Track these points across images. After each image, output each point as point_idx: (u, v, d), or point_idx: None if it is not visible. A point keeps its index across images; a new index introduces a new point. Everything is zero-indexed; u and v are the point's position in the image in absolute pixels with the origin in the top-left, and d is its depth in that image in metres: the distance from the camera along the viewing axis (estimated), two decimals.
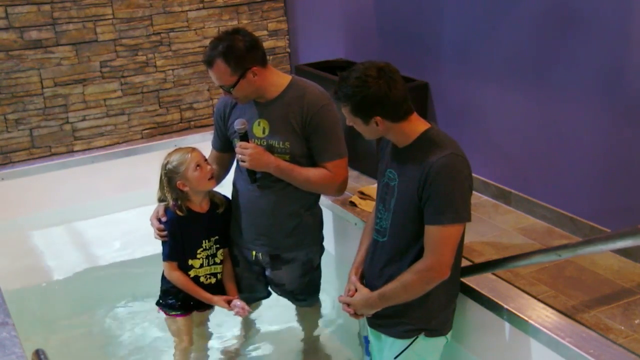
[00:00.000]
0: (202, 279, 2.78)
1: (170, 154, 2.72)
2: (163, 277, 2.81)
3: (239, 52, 2.48)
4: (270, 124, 2.61)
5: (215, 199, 2.81)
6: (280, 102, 2.59)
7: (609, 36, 2.63)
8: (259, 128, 2.63)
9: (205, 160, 2.72)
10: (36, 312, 3.37)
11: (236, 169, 2.80)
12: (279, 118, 2.59)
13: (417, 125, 2.19)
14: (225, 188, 2.90)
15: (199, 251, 2.75)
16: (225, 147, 2.80)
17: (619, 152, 2.70)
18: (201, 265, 2.77)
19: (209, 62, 2.51)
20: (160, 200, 2.74)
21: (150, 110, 4.51)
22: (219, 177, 2.85)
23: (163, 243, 2.74)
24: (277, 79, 2.62)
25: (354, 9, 4.14)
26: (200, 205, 2.74)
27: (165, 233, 2.70)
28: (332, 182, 2.62)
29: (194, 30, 4.51)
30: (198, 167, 2.65)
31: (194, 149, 2.71)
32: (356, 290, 2.38)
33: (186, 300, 2.79)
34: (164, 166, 2.69)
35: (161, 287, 2.84)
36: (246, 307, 2.77)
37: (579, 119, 2.83)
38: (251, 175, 2.64)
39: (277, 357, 3.09)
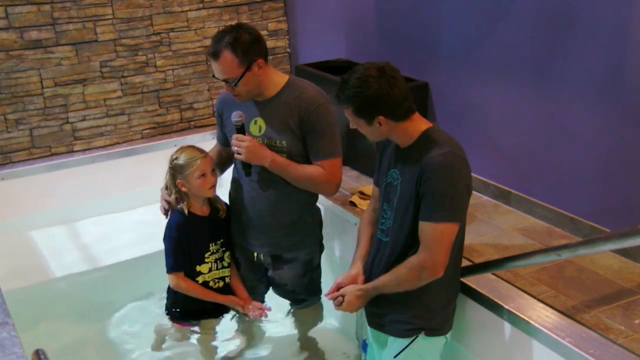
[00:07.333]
0: (210, 284, 2.77)
1: (181, 150, 2.67)
2: (169, 289, 2.78)
3: (245, 43, 2.46)
4: (266, 123, 2.60)
5: (216, 204, 2.78)
6: (277, 101, 2.59)
7: (608, 36, 2.63)
8: (255, 127, 2.62)
9: (213, 169, 2.68)
10: (36, 312, 3.36)
11: (234, 168, 2.79)
12: (276, 117, 2.58)
13: (419, 124, 2.20)
14: (223, 189, 2.90)
15: (207, 255, 2.73)
16: (227, 141, 2.76)
17: (619, 152, 2.70)
18: (210, 270, 2.75)
19: (216, 54, 2.47)
20: (166, 187, 2.70)
21: (150, 110, 4.50)
22: (221, 170, 2.84)
23: (166, 254, 2.71)
24: (276, 78, 2.61)
25: (354, 9, 4.13)
26: (201, 209, 2.72)
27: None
28: (327, 181, 2.61)
29: (194, 30, 4.50)
30: (202, 176, 2.62)
31: (205, 155, 2.65)
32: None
33: (194, 311, 2.78)
34: (171, 160, 2.65)
35: (167, 298, 2.83)
36: (266, 308, 2.80)
37: (579, 119, 2.83)
38: (245, 168, 2.62)
39: (278, 357, 3.09)
